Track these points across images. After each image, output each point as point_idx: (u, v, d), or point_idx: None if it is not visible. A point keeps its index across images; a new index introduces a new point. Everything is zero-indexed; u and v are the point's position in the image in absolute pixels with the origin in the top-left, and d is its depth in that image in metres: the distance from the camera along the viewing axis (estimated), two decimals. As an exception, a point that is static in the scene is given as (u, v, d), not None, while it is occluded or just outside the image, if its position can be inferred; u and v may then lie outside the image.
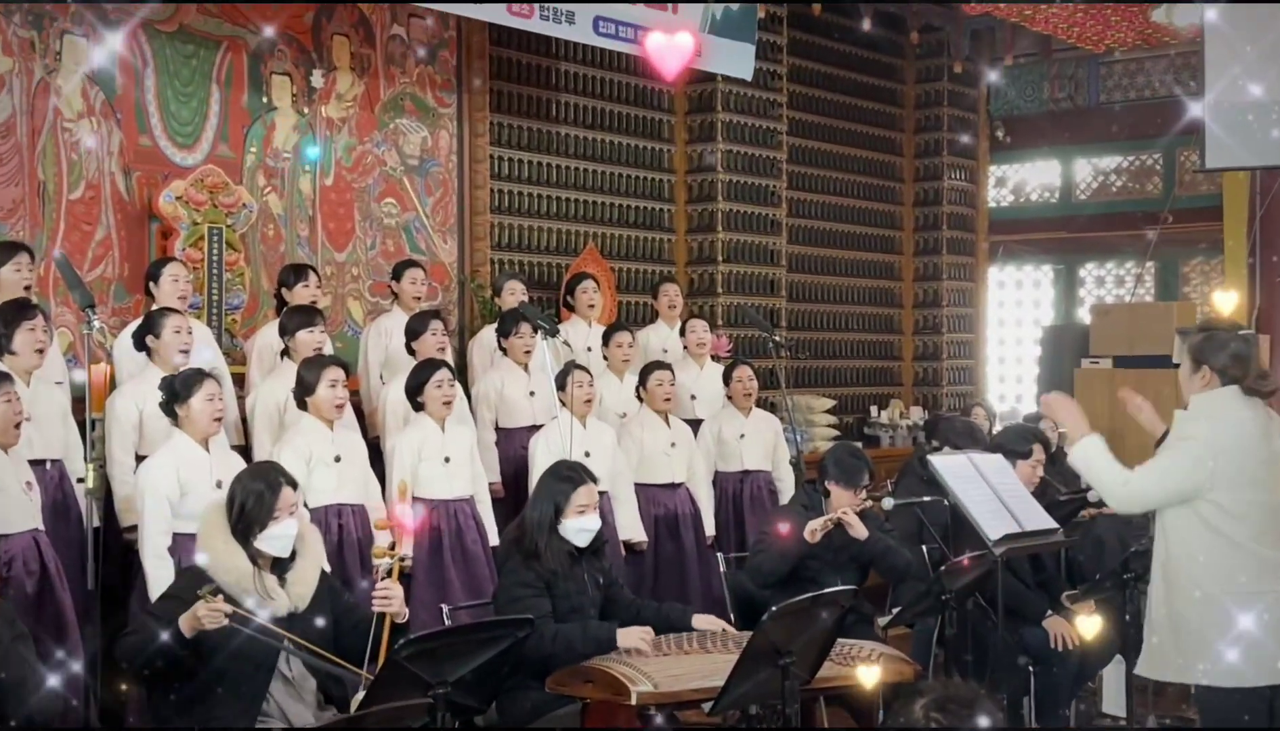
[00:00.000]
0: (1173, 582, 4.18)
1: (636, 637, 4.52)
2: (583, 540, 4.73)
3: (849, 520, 5.30)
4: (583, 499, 4.71)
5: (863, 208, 11.16)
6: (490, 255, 8.43)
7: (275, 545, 4.10)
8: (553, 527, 4.68)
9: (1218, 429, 4.13)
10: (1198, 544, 4.12)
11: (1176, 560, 4.17)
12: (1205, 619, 4.09)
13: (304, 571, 4.17)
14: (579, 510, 4.71)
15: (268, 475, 4.18)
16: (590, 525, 4.74)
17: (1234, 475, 4.09)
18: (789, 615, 3.89)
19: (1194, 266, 11.54)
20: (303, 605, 4.12)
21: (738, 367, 7.39)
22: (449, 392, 6.09)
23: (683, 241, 9.70)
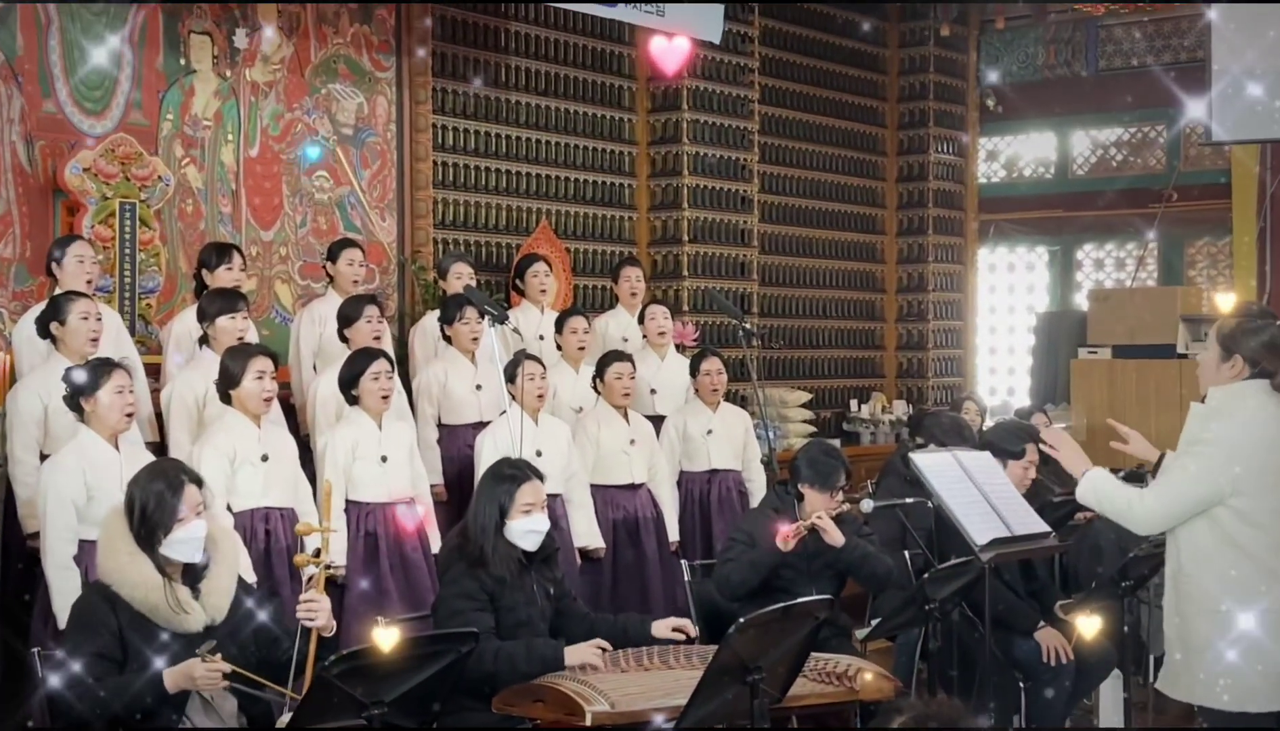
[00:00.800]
0: (1184, 596, 4.22)
1: (587, 653, 4.53)
2: (531, 543, 4.74)
3: (824, 525, 5.32)
4: (528, 497, 4.72)
5: (842, 183, 11.20)
6: (433, 234, 8.41)
7: (183, 550, 4.07)
8: (498, 530, 4.69)
9: (1239, 429, 4.13)
10: (1212, 555, 4.14)
11: (1188, 572, 4.20)
12: (1215, 636, 4.13)
13: (219, 580, 4.14)
14: (524, 509, 4.71)
15: (167, 473, 4.15)
16: (538, 526, 4.74)
17: (1257, 480, 4.10)
18: (758, 627, 3.90)
19: (1200, 248, 11.64)
20: (219, 617, 4.10)
21: (706, 359, 7.40)
22: (387, 385, 6.08)
23: (645, 220, 9.70)
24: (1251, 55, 9.16)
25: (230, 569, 4.19)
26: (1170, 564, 4.29)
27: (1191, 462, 4.19)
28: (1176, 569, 4.26)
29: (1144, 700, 6.28)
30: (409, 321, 8.10)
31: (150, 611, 3.98)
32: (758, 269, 10.12)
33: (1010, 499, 5.11)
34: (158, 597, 3.99)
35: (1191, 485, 4.17)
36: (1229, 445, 4.12)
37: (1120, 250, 12.06)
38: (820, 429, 10.30)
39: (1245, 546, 4.11)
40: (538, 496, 4.75)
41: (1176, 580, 4.26)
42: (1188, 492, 4.18)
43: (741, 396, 9.47)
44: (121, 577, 4.00)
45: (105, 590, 4.02)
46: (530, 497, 4.72)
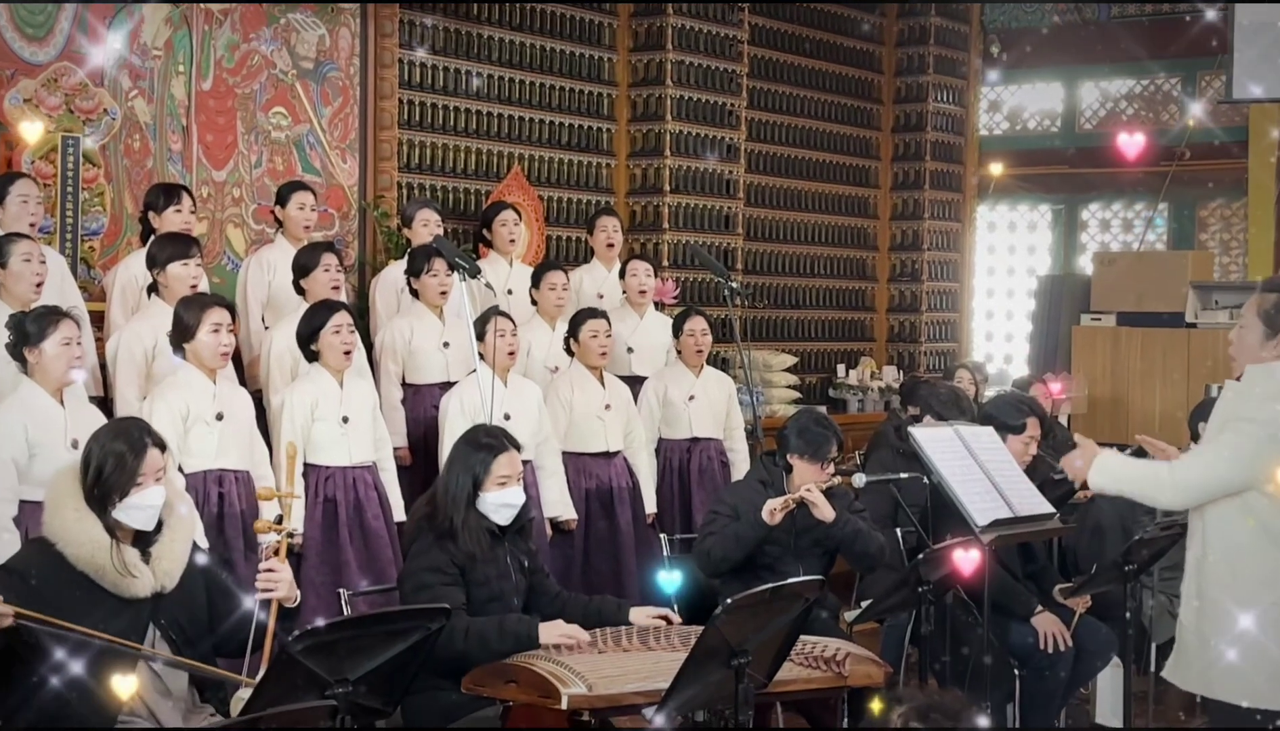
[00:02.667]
0: (1207, 583, 4.27)
1: (561, 632, 4.58)
2: (504, 517, 4.78)
3: (814, 499, 5.38)
4: (504, 469, 4.75)
5: (834, 132, 11.22)
6: (397, 178, 8.39)
7: (137, 517, 4.09)
8: (470, 502, 4.72)
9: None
10: (1242, 543, 4.19)
11: (1214, 559, 4.25)
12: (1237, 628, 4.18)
13: (172, 546, 4.17)
14: (500, 482, 4.75)
15: (131, 435, 4.16)
16: (513, 499, 4.78)
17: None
18: (746, 609, 3.94)
19: (1213, 210, 11.74)
20: (170, 584, 4.12)
21: (690, 318, 7.43)
22: (349, 340, 6.08)
23: (624, 167, 9.71)
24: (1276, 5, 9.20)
25: (186, 535, 4.21)
26: (1194, 548, 4.34)
27: (1233, 439, 4.22)
28: (1201, 554, 4.30)
29: (1144, 690, 6.38)
30: (370, 272, 8.10)
31: (96, 573, 4.00)
32: (743, 222, 10.15)
33: (1013, 477, 5.17)
34: (103, 559, 4.00)
35: (1231, 461, 4.19)
36: (1269, 426, 4.15)
37: (1128, 211, 12.16)
38: (805, 394, 10.36)
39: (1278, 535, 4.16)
40: (514, 468, 4.79)
41: (1200, 566, 4.31)
42: (1225, 470, 4.20)
43: (723, 359, 9.51)
44: (66, 535, 4.02)
45: (48, 548, 4.03)
46: (507, 469, 4.76)
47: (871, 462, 7.25)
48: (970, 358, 11.42)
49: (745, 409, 7.63)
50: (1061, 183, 12.09)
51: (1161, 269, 10.43)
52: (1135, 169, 11.57)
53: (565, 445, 6.94)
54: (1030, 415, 6.00)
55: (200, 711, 4.20)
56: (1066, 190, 12.16)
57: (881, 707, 2.70)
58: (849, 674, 4.68)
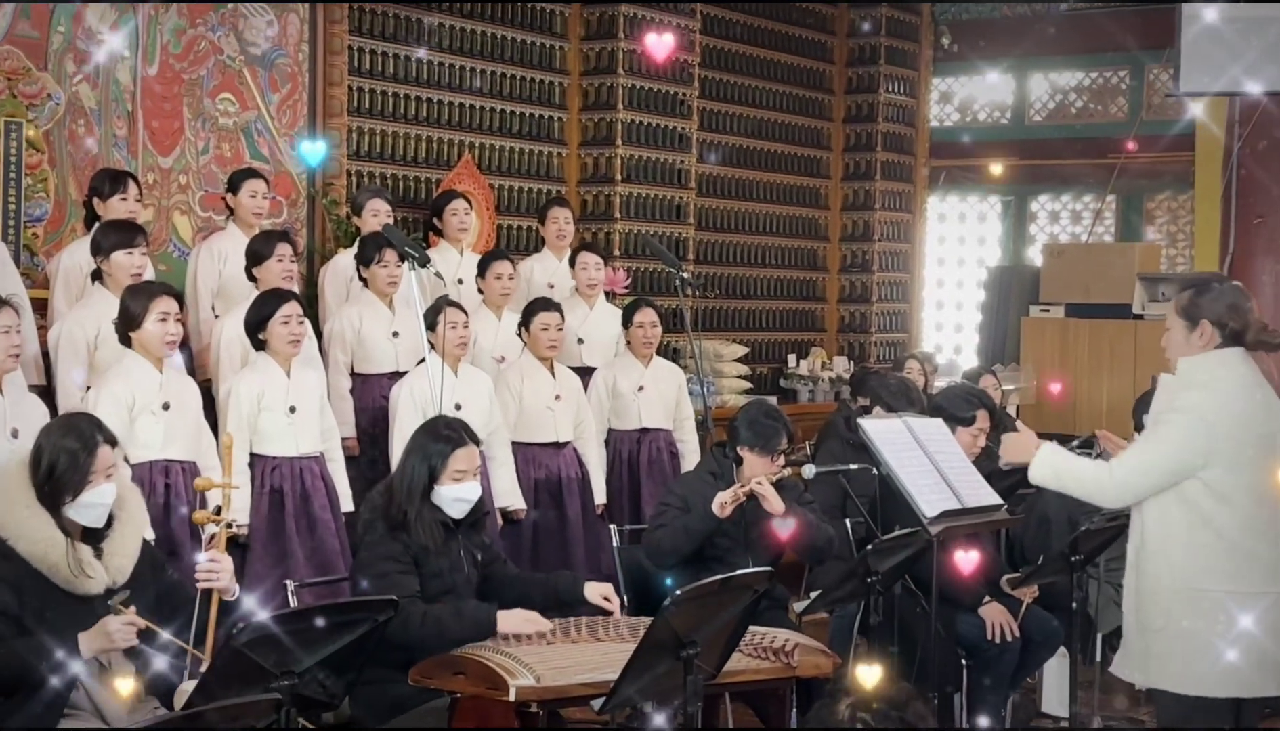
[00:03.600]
0: (1145, 573, 4.32)
1: (521, 621, 4.58)
2: (458, 511, 4.78)
3: (763, 491, 5.39)
4: (461, 463, 4.75)
5: (786, 122, 11.24)
6: (347, 166, 8.34)
7: (89, 514, 4.07)
8: (425, 495, 4.72)
9: (1215, 397, 4.21)
10: (1176, 531, 4.24)
11: (1152, 548, 4.30)
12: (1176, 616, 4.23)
13: (123, 540, 4.15)
14: (455, 476, 4.75)
15: (83, 431, 4.13)
16: (468, 494, 4.78)
17: (1231, 452, 4.19)
18: (695, 600, 3.95)
19: (1160, 202, 11.85)
20: (121, 579, 4.11)
21: (640, 309, 7.44)
22: (297, 330, 6.06)
23: (575, 156, 9.69)
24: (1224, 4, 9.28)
25: (136, 529, 4.20)
26: (1134, 538, 4.39)
27: (1166, 430, 4.27)
28: (1140, 544, 4.35)
29: (1090, 679, 6.44)
30: (319, 260, 8.05)
31: (49, 570, 3.98)
32: (695, 212, 10.15)
33: (962, 469, 5.20)
34: (58, 556, 3.99)
35: (1166, 454, 4.24)
36: (1203, 413, 4.21)
37: (1077, 202, 12.25)
38: (756, 385, 10.39)
39: (1215, 524, 4.20)
40: (471, 462, 4.79)
41: (1139, 556, 4.35)
42: (1162, 462, 4.25)
43: (673, 349, 9.52)
44: (19, 532, 3.99)
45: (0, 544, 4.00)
46: (464, 464, 4.76)
47: (821, 454, 7.27)
48: (920, 348, 11.48)
49: (695, 399, 7.65)
50: (1011, 174, 12.16)
51: (1109, 261, 10.54)
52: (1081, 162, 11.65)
53: (515, 435, 6.94)
54: (980, 407, 6.04)
55: (145, 705, 4.18)
56: (1016, 182, 12.24)
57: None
58: (798, 664, 4.70)
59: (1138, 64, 11.59)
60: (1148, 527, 4.32)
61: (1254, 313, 4.33)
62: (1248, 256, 10.65)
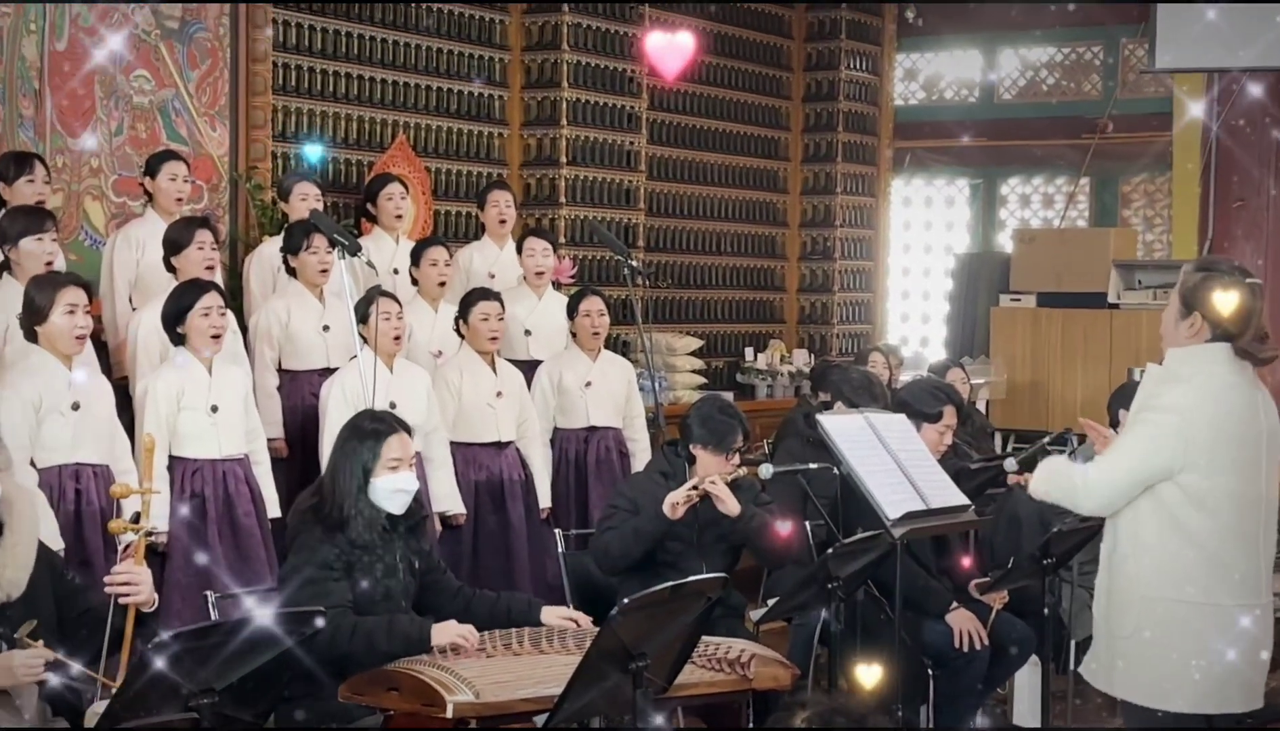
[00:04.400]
0: (1117, 579, 4.33)
1: (454, 633, 4.57)
2: (398, 504, 4.77)
3: (718, 492, 5.39)
4: (395, 452, 4.77)
5: (741, 101, 11.25)
6: (272, 147, 8.30)
7: None
8: (360, 490, 4.73)
9: (1195, 396, 4.20)
10: (1149, 537, 4.24)
11: (1124, 554, 4.30)
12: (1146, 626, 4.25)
13: (15, 549, 4.09)
14: (391, 466, 4.75)
15: None
16: (406, 484, 4.79)
17: (1209, 455, 4.18)
18: (644, 609, 3.95)
19: (1136, 185, 11.91)
20: (16, 592, 4.06)
21: (586, 298, 7.43)
22: (219, 323, 6.04)
23: (517, 137, 9.67)
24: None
25: (29, 537, 4.14)
26: (1106, 542, 4.40)
27: (1142, 431, 4.26)
28: (1112, 549, 4.36)
29: (1063, 689, 6.48)
30: (243, 249, 8.01)
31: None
32: (645, 197, 10.15)
33: (926, 468, 5.22)
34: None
35: (1141, 457, 4.23)
36: (1181, 412, 4.20)
37: (1049, 185, 12.30)
38: (711, 380, 10.40)
39: (1191, 531, 4.20)
40: (405, 451, 4.80)
41: (1111, 561, 4.37)
42: (1137, 466, 4.24)
43: (623, 342, 9.51)
44: None
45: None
46: (398, 452, 4.77)
47: (780, 452, 7.29)
48: (884, 340, 11.51)
49: (646, 395, 7.64)
50: (980, 156, 12.20)
51: (1083, 247, 10.59)
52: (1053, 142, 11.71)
53: (454, 435, 6.92)
54: (947, 403, 6.06)
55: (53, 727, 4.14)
56: (985, 164, 12.28)
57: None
58: (754, 676, 4.70)
59: (1112, 39, 11.66)
60: (1120, 531, 4.34)
61: (1258, 317, 4.28)
62: (1228, 241, 10.73)
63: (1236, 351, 4.24)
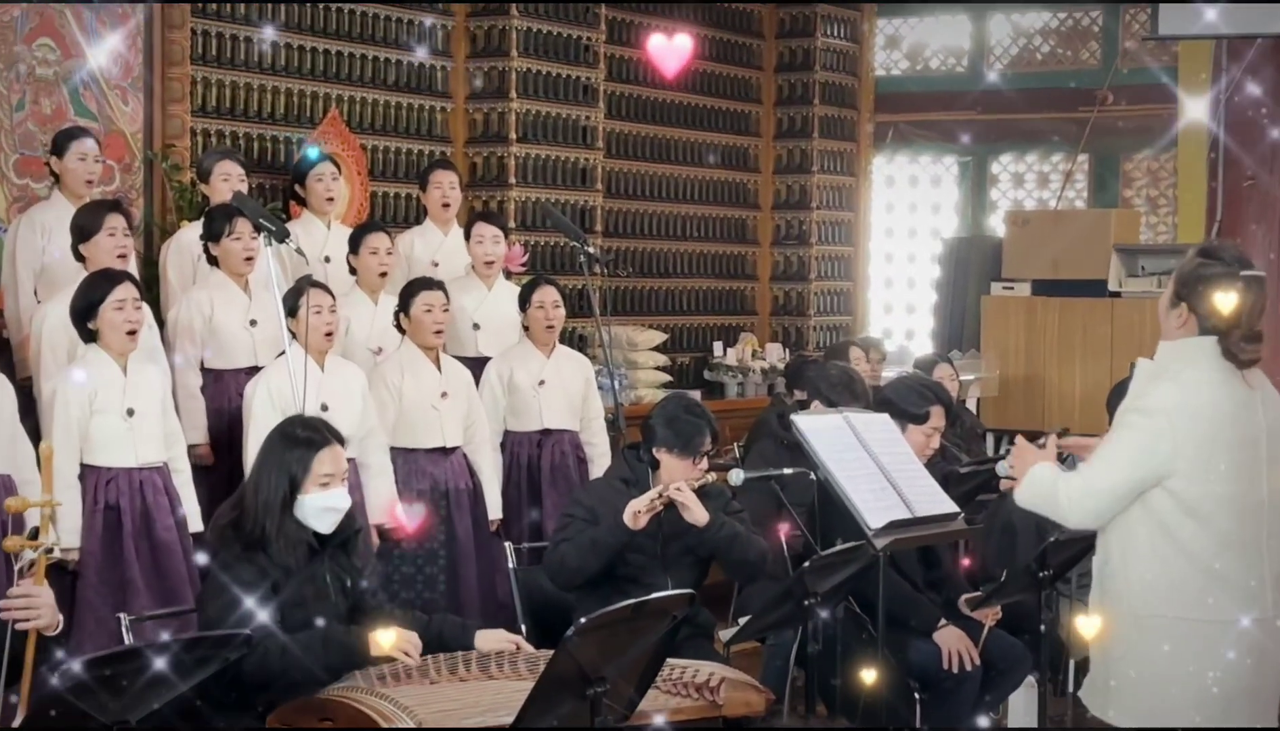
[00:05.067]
0: (1106, 593, 4.35)
1: (395, 644, 4.58)
2: (326, 524, 4.76)
3: (684, 499, 5.40)
4: (326, 467, 4.74)
5: (708, 71, 11.25)
6: (191, 124, 8.27)
7: None
8: (285, 507, 4.69)
9: (1182, 394, 4.21)
10: (1139, 550, 4.25)
11: (1115, 567, 4.32)
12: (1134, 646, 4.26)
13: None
14: (321, 482, 4.73)
15: None
16: (337, 502, 4.77)
17: (1200, 459, 4.19)
18: (602, 629, 3.96)
19: (1138, 162, 11.96)
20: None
21: (539, 289, 7.42)
22: (134, 317, 6.02)
23: (462, 112, 9.66)
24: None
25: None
26: (1098, 555, 4.41)
27: (1127, 435, 4.27)
28: (1104, 561, 4.38)
29: (1062, 712, 6.51)
30: (159, 235, 7.98)
31: None
32: (603, 177, 10.14)
33: (912, 472, 5.24)
34: None
35: (1127, 464, 4.23)
36: (1170, 412, 4.21)
37: (1044, 163, 12.34)
38: (676, 377, 10.41)
39: (1182, 542, 4.21)
40: (338, 466, 4.77)
41: (1102, 574, 4.39)
42: (1123, 474, 4.24)
43: (580, 336, 9.52)
44: None
45: None
46: (330, 467, 4.74)
47: (751, 456, 7.29)
48: (866, 333, 11.54)
49: (605, 395, 7.65)
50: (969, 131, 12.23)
51: (1082, 230, 10.62)
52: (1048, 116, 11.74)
53: (394, 440, 6.92)
54: (935, 402, 6.08)
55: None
56: (975, 140, 12.31)
57: None
58: (724, 702, 4.71)
59: (1112, 3, 11.71)
60: (1110, 542, 4.34)
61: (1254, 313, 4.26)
62: (1237, 223, 10.79)
63: (1224, 352, 4.25)
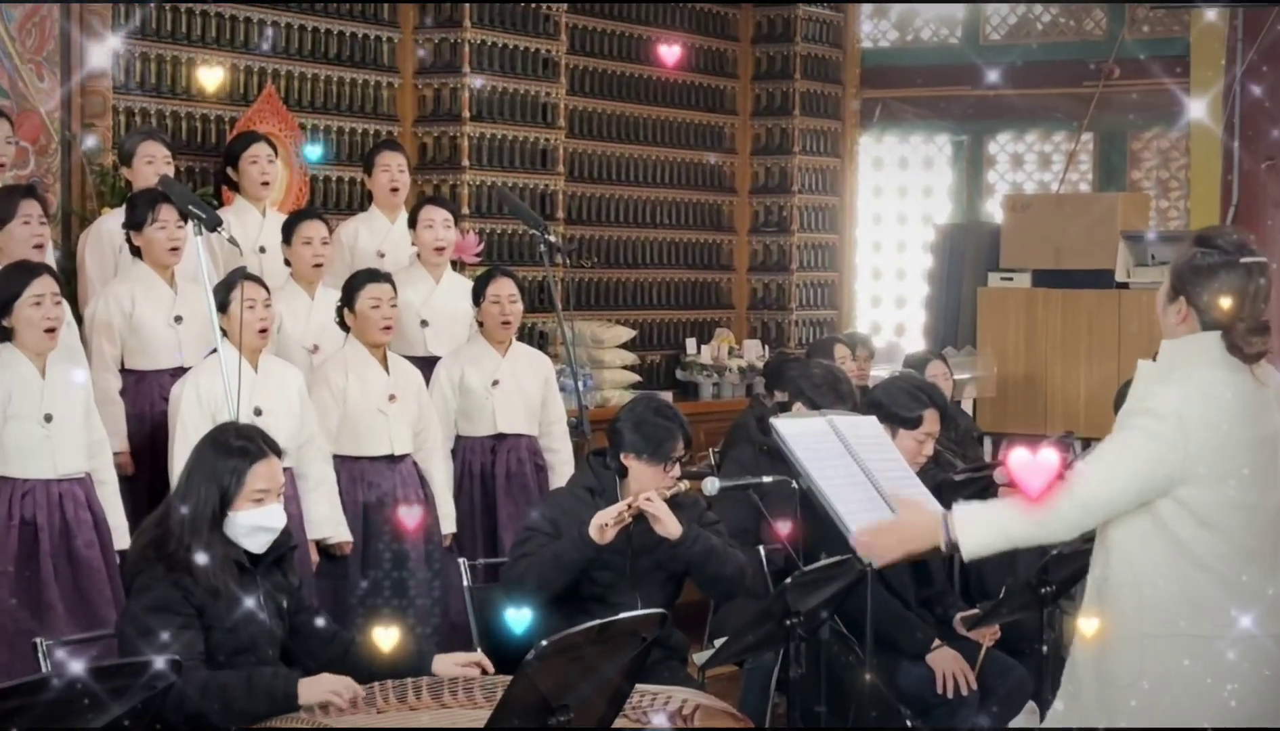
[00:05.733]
0: (1109, 612, 4.35)
1: (326, 689, 4.54)
2: (258, 543, 4.74)
3: (654, 510, 5.40)
4: (261, 482, 4.71)
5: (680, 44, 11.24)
6: (114, 101, 8.25)
7: None
8: (214, 524, 4.67)
9: (1187, 395, 4.21)
10: (1149, 563, 4.26)
11: (1118, 582, 4.32)
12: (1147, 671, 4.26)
13: None
14: (255, 497, 4.71)
15: None
16: (271, 521, 4.75)
17: (1212, 464, 4.18)
18: (566, 652, 3.96)
19: (1147, 141, 12.01)
20: None
21: (494, 281, 7.43)
22: (53, 314, 6.02)
23: (410, 87, 9.65)
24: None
25: None
26: (1096, 567, 4.40)
27: (1130, 439, 4.25)
28: (1103, 575, 4.37)
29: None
30: (78, 224, 7.96)
31: None
32: (565, 159, 10.14)
33: (903, 481, 5.23)
34: None
35: (1130, 472, 4.20)
36: (1178, 416, 4.22)
37: (1046, 142, 12.38)
38: (645, 377, 10.41)
39: (1195, 553, 4.21)
40: (274, 481, 4.75)
41: (1101, 589, 4.38)
42: (1128, 484, 4.21)
43: (540, 333, 9.51)
44: None
45: None
46: (265, 482, 4.72)
47: (728, 463, 7.31)
48: (852, 329, 11.55)
49: (567, 396, 7.65)
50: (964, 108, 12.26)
51: (1087, 215, 10.65)
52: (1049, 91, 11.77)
53: (337, 447, 6.92)
54: (928, 406, 6.10)
55: None
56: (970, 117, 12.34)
57: None
58: None
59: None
60: (1112, 556, 4.33)
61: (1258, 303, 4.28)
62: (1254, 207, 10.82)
63: (1226, 344, 4.28)
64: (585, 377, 9.00)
